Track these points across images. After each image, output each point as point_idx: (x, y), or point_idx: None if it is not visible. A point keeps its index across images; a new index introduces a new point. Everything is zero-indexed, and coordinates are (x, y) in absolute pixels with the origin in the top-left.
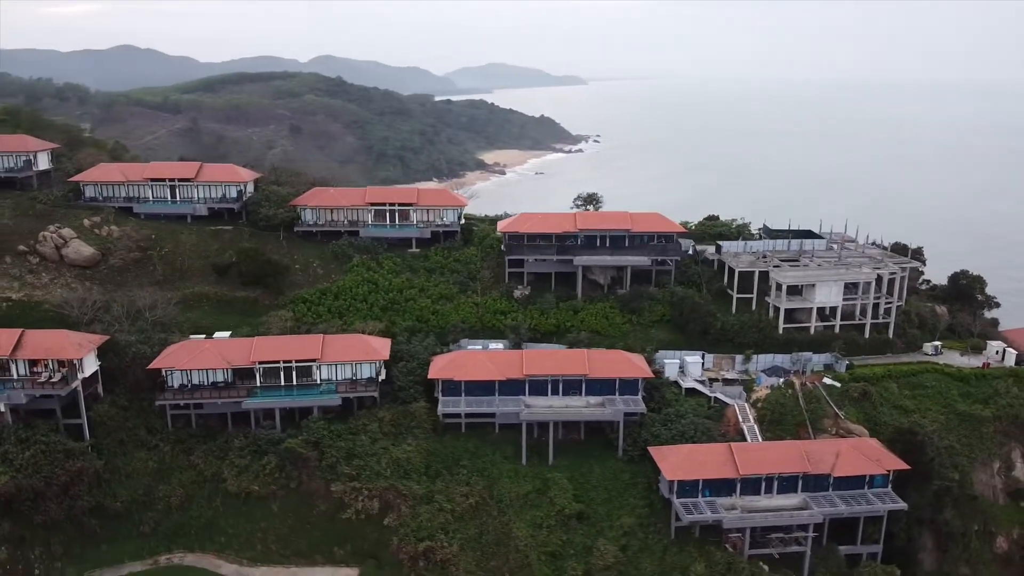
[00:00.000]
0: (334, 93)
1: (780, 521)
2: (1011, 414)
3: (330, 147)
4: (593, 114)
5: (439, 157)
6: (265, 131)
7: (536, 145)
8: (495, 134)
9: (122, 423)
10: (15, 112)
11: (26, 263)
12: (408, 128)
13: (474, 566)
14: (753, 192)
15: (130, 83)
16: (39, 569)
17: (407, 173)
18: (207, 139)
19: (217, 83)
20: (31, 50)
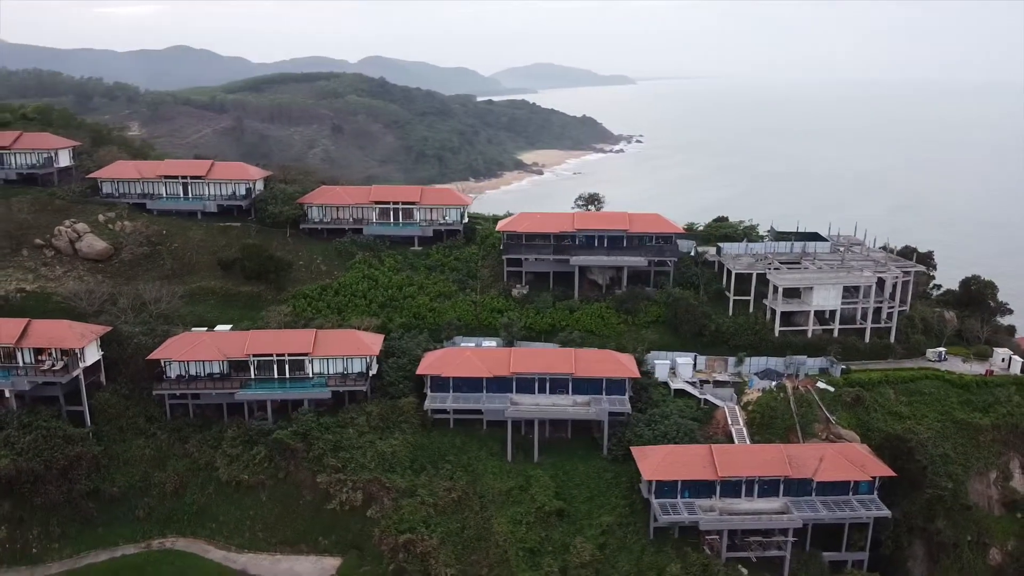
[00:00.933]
0: (376, 94)
1: (759, 525)
2: (1011, 423)
3: (371, 147)
4: (638, 114)
5: (477, 157)
6: (307, 130)
7: (577, 145)
8: (535, 134)
9: (122, 411)
10: (46, 111)
11: (42, 256)
12: (448, 128)
13: (453, 560)
14: (785, 193)
15: (184, 83)
16: (37, 548)
17: (445, 173)
18: (250, 138)
19: (263, 83)
20: (88, 50)
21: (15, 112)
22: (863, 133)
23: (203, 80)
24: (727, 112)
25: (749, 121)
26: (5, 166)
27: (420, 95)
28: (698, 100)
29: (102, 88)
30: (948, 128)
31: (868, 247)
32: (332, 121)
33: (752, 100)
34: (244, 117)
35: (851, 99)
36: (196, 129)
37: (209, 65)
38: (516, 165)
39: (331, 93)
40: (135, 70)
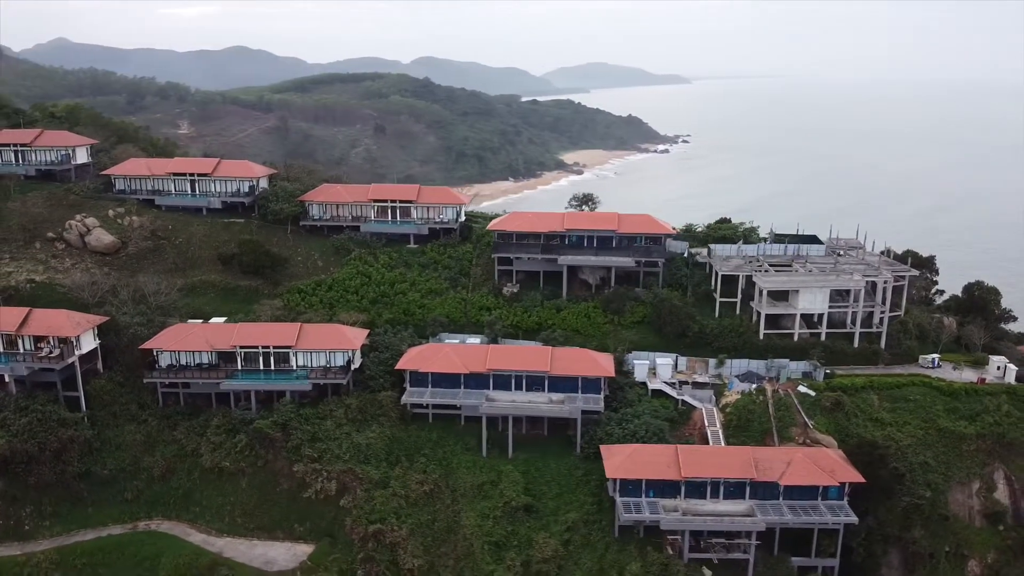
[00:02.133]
0: (420, 94)
1: (721, 526)
2: (997, 433)
3: (412, 146)
4: (688, 114)
5: (517, 157)
6: (351, 130)
7: (621, 145)
8: (579, 134)
9: (116, 397)
10: (75, 110)
11: (53, 248)
12: (489, 128)
13: (421, 551)
14: (819, 195)
15: (240, 83)
16: (29, 526)
17: (484, 172)
18: (294, 137)
19: (309, 83)
20: (150, 49)
21: (44, 111)
22: (918, 133)
23: (259, 80)
24: (781, 112)
25: (803, 121)
26: (25, 162)
27: (464, 95)
28: (753, 100)
29: (154, 87)
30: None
31: (865, 251)
32: (375, 121)
33: (809, 100)
34: (289, 117)
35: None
36: (242, 128)
37: (265, 65)
38: (556, 165)
39: (375, 93)
40: (194, 70)
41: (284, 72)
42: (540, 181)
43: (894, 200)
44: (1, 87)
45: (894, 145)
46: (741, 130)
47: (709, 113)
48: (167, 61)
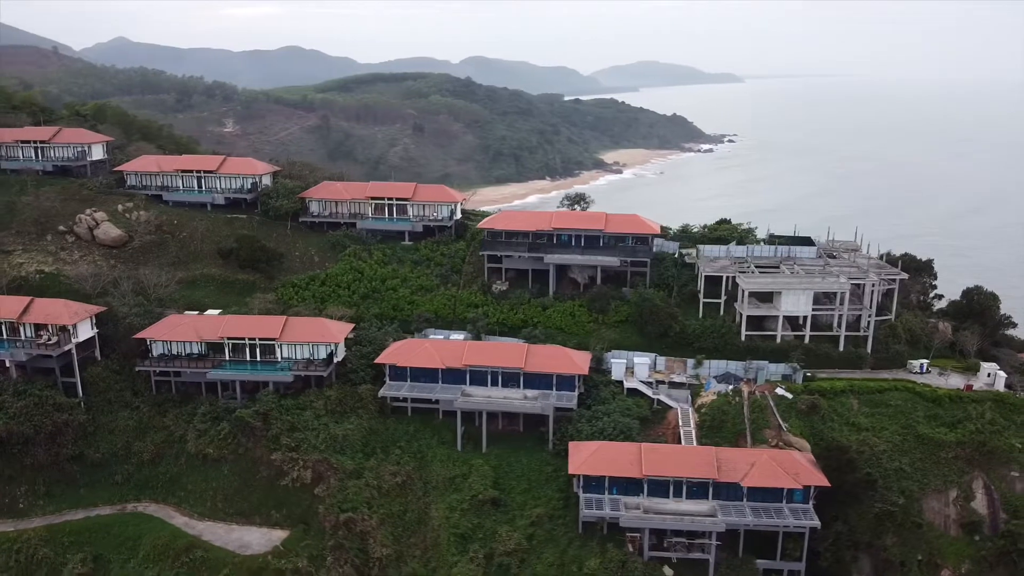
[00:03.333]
0: (461, 93)
1: (680, 525)
2: (978, 440)
3: (450, 145)
4: (738, 113)
5: (555, 156)
6: (391, 130)
7: (664, 144)
8: (621, 133)
9: (112, 384)
10: (102, 108)
11: (63, 241)
12: (528, 127)
13: (391, 540)
14: (852, 195)
15: (292, 82)
16: (23, 504)
17: (520, 172)
18: (335, 136)
19: (353, 83)
20: (206, 49)
21: (70, 109)
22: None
23: (310, 80)
24: (834, 111)
25: (856, 121)
26: (44, 158)
27: (505, 94)
28: (807, 99)
29: (201, 86)
30: None
31: (859, 253)
32: (414, 120)
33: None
34: (331, 116)
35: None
36: (284, 127)
37: (317, 65)
38: (595, 164)
39: (416, 93)
40: (248, 69)
41: (335, 72)
42: (577, 180)
43: (928, 200)
44: (53, 85)
45: (947, 145)
46: (789, 129)
47: (760, 112)
48: (222, 60)
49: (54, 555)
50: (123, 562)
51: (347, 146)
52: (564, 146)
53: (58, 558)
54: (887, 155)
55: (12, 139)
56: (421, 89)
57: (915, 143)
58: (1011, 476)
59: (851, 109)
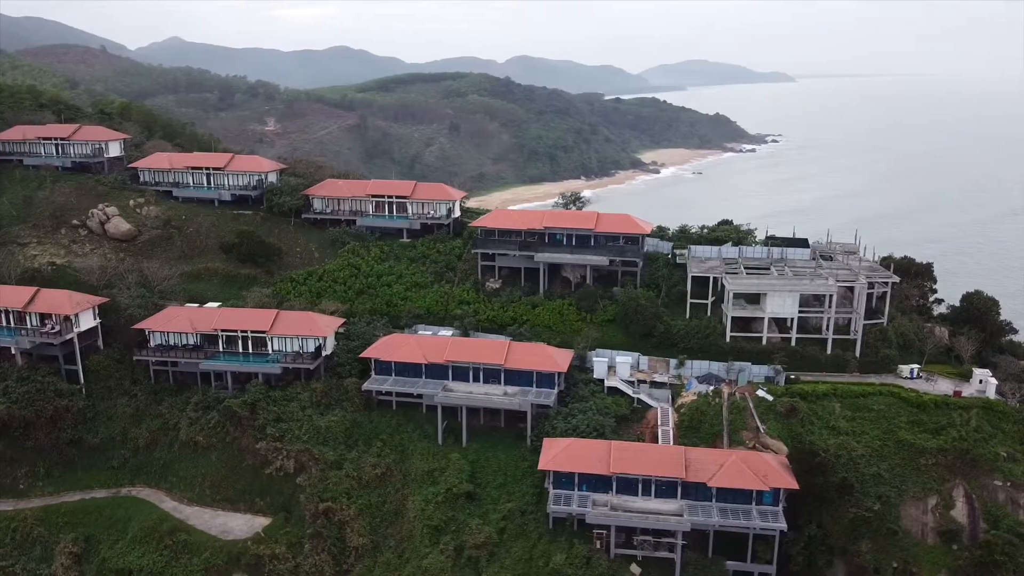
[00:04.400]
0: (499, 93)
1: (645, 524)
2: (961, 448)
3: (485, 145)
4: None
5: (591, 156)
6: (427, 129)
7: (704, 144)
8: (662, 132)
9: (112, 372)
10: (128, 107)
11: (75, 234)
12: (565, 127)
13: (368, 530)
14: (885, 197)
15: (339, 81)
16: (23, 485)
17: (555, 171)
18: (373, 135)
19: (392, 83)
20: (256, 49)
21: (96, 107)
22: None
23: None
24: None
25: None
26: (63, 155)
27: (544, 94)
28: (862, 99)
29: (244, 85)
30: None
31: (855, 256)
32: (451, 120)
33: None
34: (369, 115)
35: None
36: (323, 125)
37: (364, 65)
38: (632, 164)
39: (454, 93)
40: (296, 69)
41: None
42: (613, 180)
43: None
44: (100, 83)
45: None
46: (839, 130)
47: (809, 112)
48: (272, 61)
49: (48, 534)
50: (112, 543)
51: (384, 145)
52: (601, 145)
53: (51, 537)
54: (939, 156)
55: (34, 136)
56: (459, 89)
57: (970, 144)
58: (994, 485)
59: (909, 109)
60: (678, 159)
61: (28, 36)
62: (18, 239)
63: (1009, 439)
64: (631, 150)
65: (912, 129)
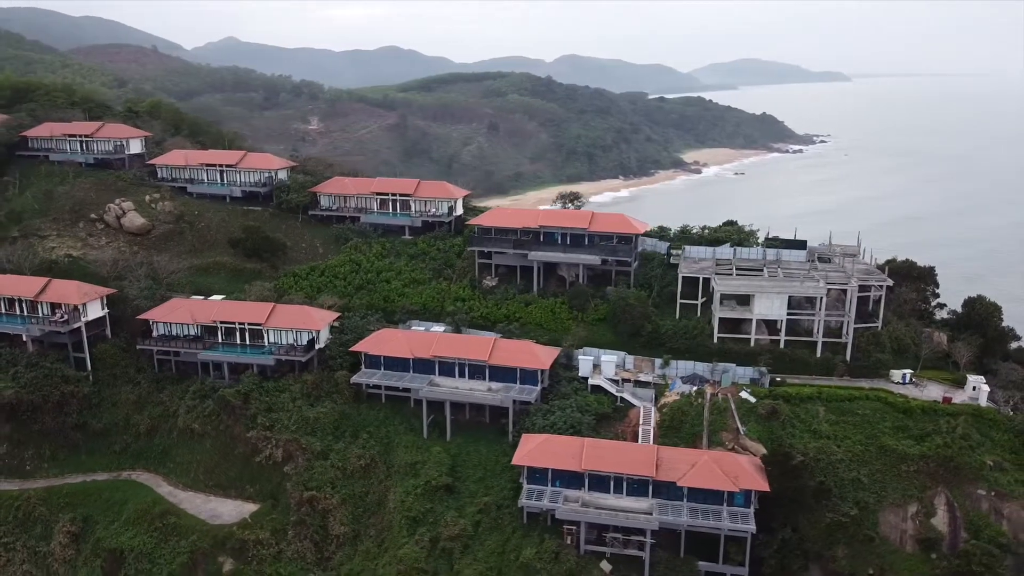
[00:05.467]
0: (540, 92)
1: (614, 521)
2: (944, 455)
3: (524, 144)
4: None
5: (631, 155)
6: (466, 129)
7: (750, 144)
8: (706, 132)
9: (118, 361)
10: (157, 106)
11: (93, 228)
12: (604, 126)
13: (350, 519)
14: (920, 198)
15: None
16: (30, 466)
17: (593, 170)
18: (412, 134)
19: (434, 83)
20: (309, 49)
21: (126, 105)
22: None
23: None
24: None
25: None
26: (86, 152)
27: (586, 93)
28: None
29: (289, 85)
30: None
31: (855, 258)
32: (490, 120)
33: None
34: (409, 115)
35: None
36: (364, 125)
37: (413, 64)
38: (673, 163)
39: (494, 92)
40: (347, 69)
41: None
42: (652, 179)
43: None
44: (149, 83)
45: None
46: (891, 130)
47: (862, 112)
48: (323, 60)
49: (49, 513)
50: (108, 523)
51: (423, 144)
52: (641, 145)
53: (52, 516)
54: (984, 158)
55: (60, 133)
56: (499, 88)
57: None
58: (977, 494)
59: (967, 109)
60: (721, 159)
61: (85, 35)
62: (39, 232)
63: (998, 447)
64: (673, 149)
65: (967, 131)
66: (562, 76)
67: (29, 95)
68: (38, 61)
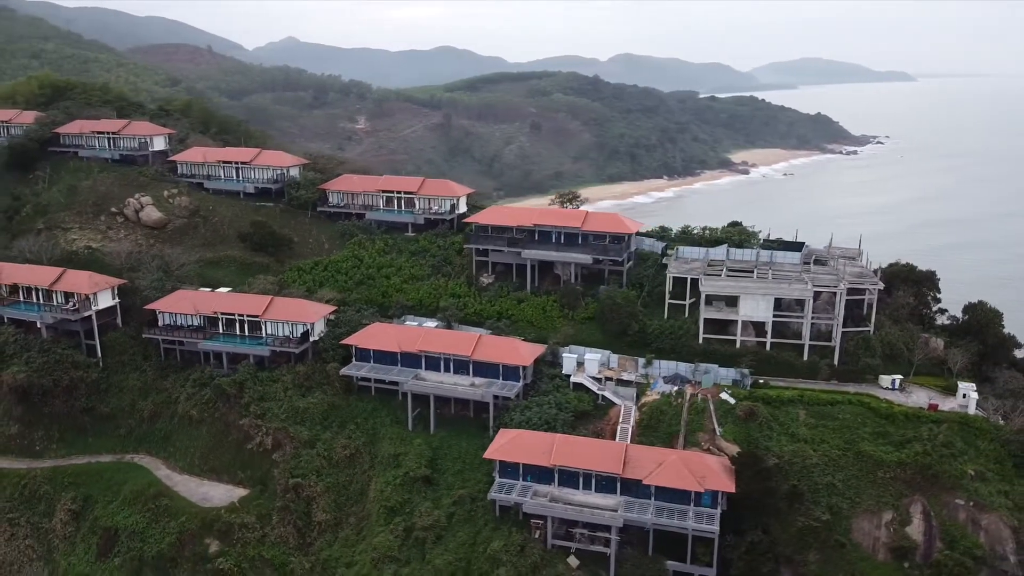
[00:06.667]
0: (585, 92)
1: (580, 516)
2: (922, 463)
3: (566, 143)
4: (902, 113)
5: (676, 155)
6: (509, 128)
7: (802, 144)
8: (757, 132)
9: (126, 348)
10: (188, 105)
11: (112, 221)
12: (650, 125)
13: (332, 507)
14: (973, 199)
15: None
16: (39, 447)
17: (636, 170)
18: (455, 133)
19: (480, 82)
20: (365, 49)
21: (159, 104)
22: None
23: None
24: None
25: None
26: (112, 149)
27: (634, 92)
28: (988, 100)
29: (338, 84)
30: None
31: (854, 261)
32: (533, 119)
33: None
34: (453, 114)
35: None
36: (409, 124)
37: (468, 64)
38: (720, 163)
39: (539, 92)
40: (402, 69)
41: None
42: (697, 179)
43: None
44: (202, 82)
45: None
46: (954, 132)
47: (926, 113)
48: (379, 60)
49: (52, 492)
50: (106, 503)
51: (465, 144)
52: (688, 144)
53: (56, 495)
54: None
55: (89, 130)
56: (545, 88)
57: None
58: (955, 503)
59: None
60: (771, 159)
61: (150, 35)
62: (62, 224)
63: (982, 457)
64: (722, 149)
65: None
66: (616, 75)
67: (67, 93)
68: (94, 60)
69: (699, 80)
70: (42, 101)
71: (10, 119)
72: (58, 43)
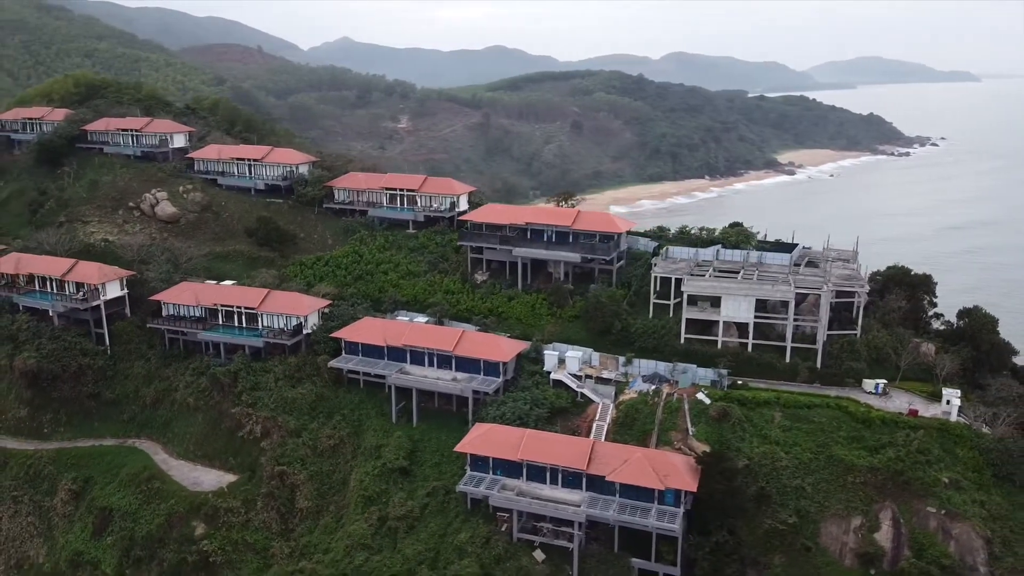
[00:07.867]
0: (629, 91)
1: (543, 511)
2: (895, 469)
3: (607, 143)
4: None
5: (719, 155)
6: (549, 127)
7: (852, 145)
8: (806, 132)
9: (133, 337)
10: (216, 103)
11: (129, 216)
12: (693, 124)
13: (315, 495)
14: (996, 202)
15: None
16: (47, 430)
17: (677, 170)
18: (495, 133)
19: (521, 81)
20: (418, 49)
21: (191, 104)
22: None
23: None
24: None
25: None
26: (134, 146)
27: (680, 91)
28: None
29: (382, 84)
30: None
31: (847, 263)
32: (573, 118)
33: None
34: (493, 114)
35: None
36: (450, 124)
37: (519, 64)
38: (766, 164)
39: (581, 91)
40: (454, 69)
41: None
42: (740, 180)
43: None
44: (249, 81)
45: None
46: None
47: (989, 115)
48: (432, 60)
49: (55, 472)
50: (104, 484)
51: (505, 143)
52: (733, 144)
53: (58, 475)
54: None
55: (115, 127)
56: (587, 87)
57: None
58: (926, 511)
59: None
60: (819, 160)
61: (207, 35)
62: (82, 218)
63: (960, 464)
64: (769, 149)
65: None
66: (667, 74)
67: (101, 92)
68: (144, 59)
69: (753, 79)
70: (76, 99)
71: (42, 116)
72: (111, 43)
